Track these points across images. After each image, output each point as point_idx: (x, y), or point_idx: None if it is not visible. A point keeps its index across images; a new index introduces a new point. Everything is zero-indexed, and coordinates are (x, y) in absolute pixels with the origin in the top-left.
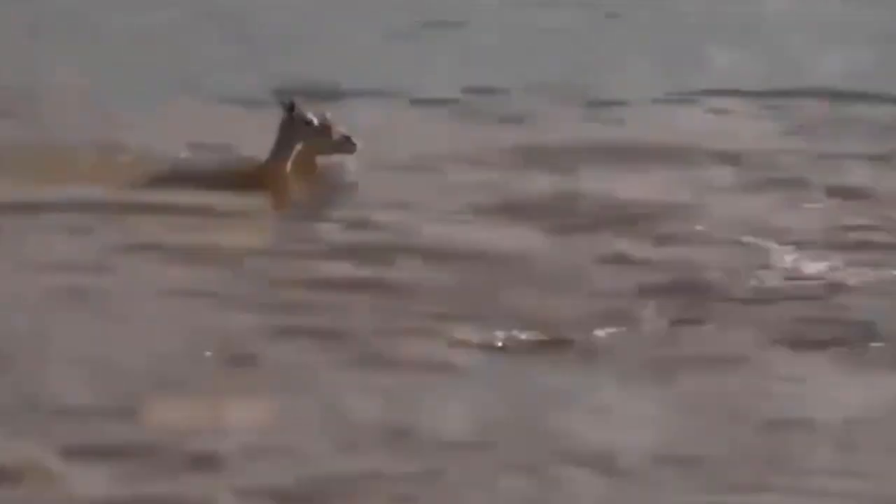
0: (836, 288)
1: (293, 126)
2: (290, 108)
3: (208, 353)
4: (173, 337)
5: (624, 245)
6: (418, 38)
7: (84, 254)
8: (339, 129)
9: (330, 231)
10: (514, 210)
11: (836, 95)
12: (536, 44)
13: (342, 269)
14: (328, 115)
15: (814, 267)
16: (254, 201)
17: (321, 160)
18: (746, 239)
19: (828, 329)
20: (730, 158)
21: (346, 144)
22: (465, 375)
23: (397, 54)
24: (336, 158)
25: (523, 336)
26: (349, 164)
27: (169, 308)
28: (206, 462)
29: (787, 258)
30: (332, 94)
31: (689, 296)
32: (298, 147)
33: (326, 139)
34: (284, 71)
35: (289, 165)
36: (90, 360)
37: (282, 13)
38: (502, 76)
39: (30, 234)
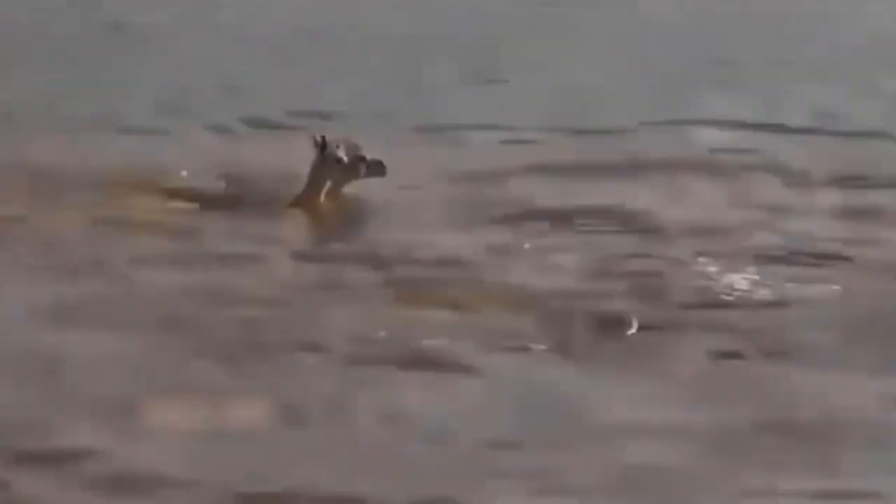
0: (779, 302)
1: (325, 164)
2: (323, 147)
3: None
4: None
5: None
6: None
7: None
8: (367, 154)
9: (350, 243)
10: (489, 220)
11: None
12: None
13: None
14: (358, 145)
15: (756, 281)
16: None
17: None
18: (693, 252)
19: (766, 339)
20: (699, 172)
21: (376, 169)
22: (466, 381)
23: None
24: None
25: (515, 344)
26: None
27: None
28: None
29: (728, 273)
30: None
31: (644, 305)
32: (329, 184)
33: (356, 174)
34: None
35: (322, 196)
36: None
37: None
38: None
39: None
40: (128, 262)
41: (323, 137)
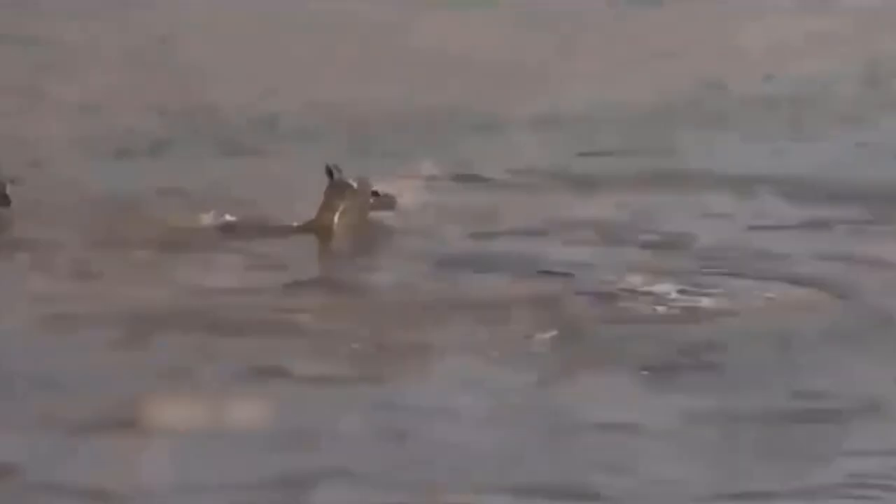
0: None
1: (336, 190)
2: (331, 175)
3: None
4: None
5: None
6: None
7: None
8: (379, 188)
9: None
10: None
11: None
12: None
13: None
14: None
15: (690, 292)
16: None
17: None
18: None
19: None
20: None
21: (386, 201)
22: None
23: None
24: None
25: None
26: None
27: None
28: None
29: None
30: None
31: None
32: (342, 208)
33: (366, 200)
34: None
35: (335, 221)
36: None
37: None
38: None
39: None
40: (124, 275)
41: (334, 166)
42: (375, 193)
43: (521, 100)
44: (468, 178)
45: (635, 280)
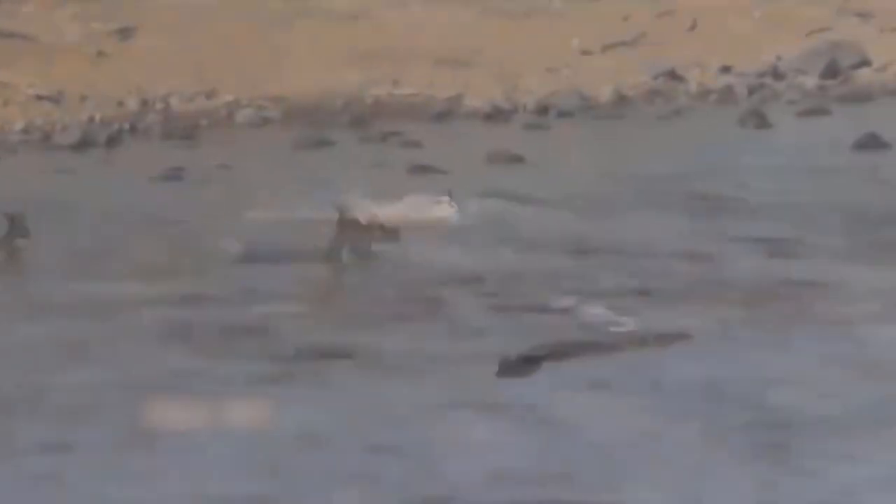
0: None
1: (345, 225)
2: (342, 212)
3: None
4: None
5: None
6: None
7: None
8: (384, 222)
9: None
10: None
11: None
12: None
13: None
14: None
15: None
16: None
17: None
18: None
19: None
20: None
21: (390, 233)
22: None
23: None
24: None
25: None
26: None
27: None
28: None
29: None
30: None
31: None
32: (350, 243)
33: (372, 233)
34: None
35: (344, 253)
36: None
37: None
38: None
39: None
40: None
41: (343, 204)
42: (380, 226)
43: (477, 91)
44: (424, 170)
45: (570, 301)
